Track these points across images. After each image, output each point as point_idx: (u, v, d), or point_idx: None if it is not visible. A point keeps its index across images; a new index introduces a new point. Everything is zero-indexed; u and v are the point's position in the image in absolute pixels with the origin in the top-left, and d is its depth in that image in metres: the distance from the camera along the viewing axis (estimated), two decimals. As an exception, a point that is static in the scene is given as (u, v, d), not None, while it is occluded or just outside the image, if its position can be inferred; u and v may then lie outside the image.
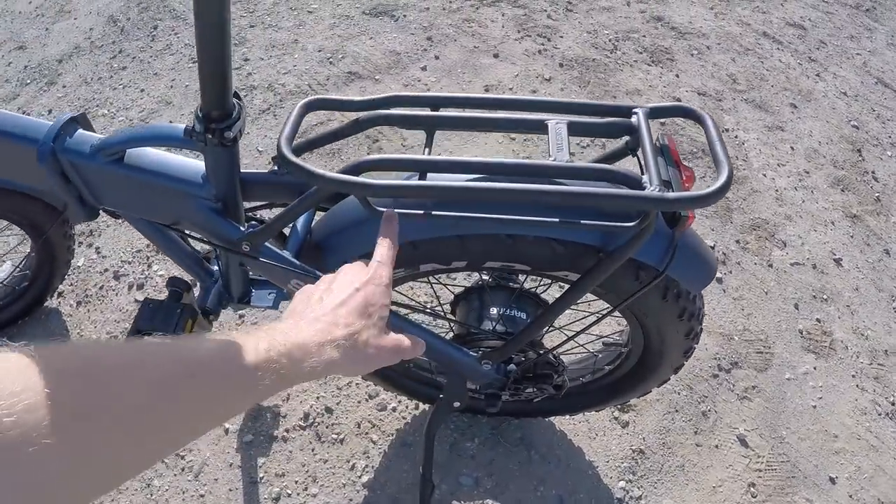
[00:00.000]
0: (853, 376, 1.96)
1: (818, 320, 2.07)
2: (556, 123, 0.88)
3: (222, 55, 0.80)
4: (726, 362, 1.89)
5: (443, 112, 0.94)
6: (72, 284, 1.81)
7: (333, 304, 0.65)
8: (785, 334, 2.01)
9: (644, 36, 3.12)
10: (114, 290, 1.79)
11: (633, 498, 1.58)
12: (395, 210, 0.84)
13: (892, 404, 1.92)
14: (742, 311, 2.03)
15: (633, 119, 0.90)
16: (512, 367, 1.22)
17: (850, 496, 1.69)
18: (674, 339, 1.15)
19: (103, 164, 0.99)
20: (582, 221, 0.85)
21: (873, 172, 2.70)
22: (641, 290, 0.99)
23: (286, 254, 1.02)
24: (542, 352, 1.24)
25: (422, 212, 0.84)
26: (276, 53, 2.65)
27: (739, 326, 1.98)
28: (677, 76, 2.91)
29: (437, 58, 2.72)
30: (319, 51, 2.69)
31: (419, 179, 0.85)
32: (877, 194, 2.60)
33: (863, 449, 1.80)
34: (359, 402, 1.63)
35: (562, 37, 2.98)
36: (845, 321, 2.10)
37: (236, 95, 0.90)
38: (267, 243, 1.01)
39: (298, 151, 0.84)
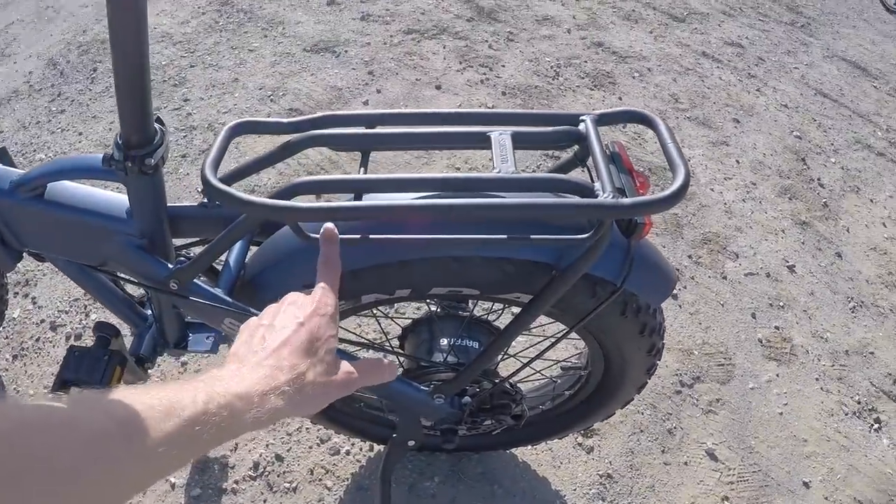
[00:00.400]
0: (816, 379, 1.96)
1: (777, 328, 2.08)
2: (500, 135, 0.83)
3: (141, 75, 0.76)
4: (688, 377, 1.87)
5: (378, 130, 0.89)
6: (7, 337, 1.74)
7: (276, 345, 0.61)
8: (745, 344, 2.01)
9: (586, 61, 3.17)
10: (51, 342, 1.72)
11: (604, 523, 1.54)
12: None
13: (859, 403, 1.93)
14: (700, 324, 2.03)
15: (581, 127, 0.86)
16: (467, 399, 1.16)
17: (826, 498, 1.68)
18: (635, 357, 1.11)
19: (22, 200, 0.93)
20: (532, 237, 0.80)
21: (819, 179, 2.76)
22: (599, 308, 0.94)
23: (218, 291, 0.97)
24: (497, 381, 1.19)
25: (358, 236, 0.79)
26: (216, 93, 2.62)
27: (698, 340, 1.98)
28: (620, 98, 2.95)
29: (378, 91, 2.73)
30: (260, 89, 2.67)
31: (355, 201, 0.80)
32: (824, 200, 2.65)
33: (833, 450, 1.79)
34: (310, 447, 1.56)
35: (504, 66, 3.01)
36: (804, 326, 2.11)
37: (158, 120, 0.86)
38: (197, 281, 0.96)
39: (228, 181, 0.79)
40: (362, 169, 0.87)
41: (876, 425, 1.89)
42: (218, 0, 3.22)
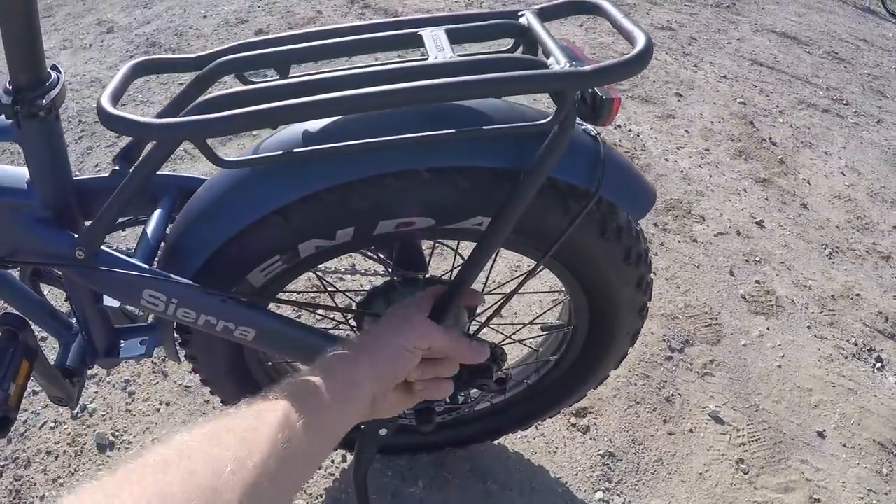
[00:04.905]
0: (808, 328, 1.97)
1: (757, 282, 2.09)
2: (432, 31, 0.80)
3: (28, 12, 0.72)
4: (676, 342, 1.84)
5: (297, 45, 0.84)
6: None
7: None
8: (728, 302, 2.00)
9: (516, 59, 3.26)
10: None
11: (614, 506, 1.48)
12: (244, 157, 0.76)
13: (856, 345, 1.93)
14: (678, 288, 2.02)
15: (522, 20, 0.83)
16: None
17: (844, 445, 1.66)
18: (624, 294, 1.03)
19: None
20: (485, 127, 0.75)
21: (770, 139, 2.85)
22: (576, 220, 0.86)
23: (133, 260, 0.90)
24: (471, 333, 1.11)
25: (280, 152, 0.74)
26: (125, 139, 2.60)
27: (680, 304, 1.96)
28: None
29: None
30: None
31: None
32: (779, 157, 2.73)
33: (841, 395, 1.79)
34: (280, 470, 1.48)
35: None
36: (784, 278, 2.13)
37: (55, 68, 0.82)
38: (108, 249, 0.89)
39: None
40: None
41: (878, 364, 1.91)
42: (146, 42, 3.27)
